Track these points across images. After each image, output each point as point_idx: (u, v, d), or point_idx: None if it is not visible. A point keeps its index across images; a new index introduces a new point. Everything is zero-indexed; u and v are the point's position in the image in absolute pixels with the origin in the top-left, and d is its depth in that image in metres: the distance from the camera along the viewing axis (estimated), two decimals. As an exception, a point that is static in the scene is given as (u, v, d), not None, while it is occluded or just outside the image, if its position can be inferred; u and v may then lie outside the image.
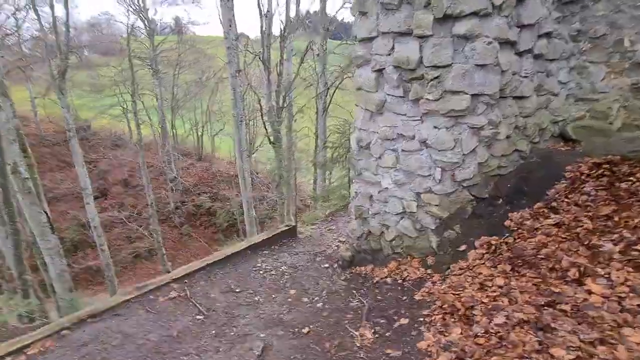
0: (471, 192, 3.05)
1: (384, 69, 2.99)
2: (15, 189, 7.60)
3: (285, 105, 11.98)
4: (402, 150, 3.09)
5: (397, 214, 3.35)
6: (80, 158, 11.18)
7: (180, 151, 22.65)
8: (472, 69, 2.57)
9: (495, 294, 2.34)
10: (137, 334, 2.95)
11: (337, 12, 13.37)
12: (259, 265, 4.23)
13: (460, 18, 2.47)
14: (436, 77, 2.65)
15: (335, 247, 4.80)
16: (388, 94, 3.04)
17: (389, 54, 2.90)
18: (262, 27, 11.10)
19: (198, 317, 3.15)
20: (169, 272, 14.60)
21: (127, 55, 14.82)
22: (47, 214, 8.24)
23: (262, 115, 12.17)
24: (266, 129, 12.52)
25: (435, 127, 2.82)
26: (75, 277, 15.60)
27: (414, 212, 3.18)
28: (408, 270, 3.18)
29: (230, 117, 11.87)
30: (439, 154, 2.86)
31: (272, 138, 12.17)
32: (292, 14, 11.37)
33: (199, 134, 23.33)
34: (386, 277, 3.31)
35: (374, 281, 3.36)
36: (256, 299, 3.47)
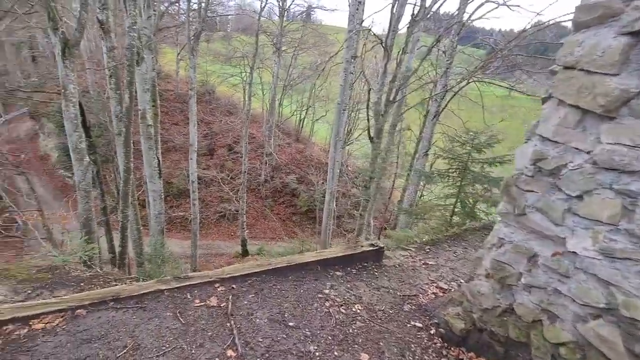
0: None
1: (653, 29, 1.46)
2: (140, 132, 8.36)
3: (396, 99, 10.55)
4: (645, 200, 1.53)
5: (586, 306, 1.81)
6: (194, 116, 12.04)
7: (281, 129, 23.47)
8: None
9: None
10: (151, 348, 2.22)
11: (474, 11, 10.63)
12: (327, 291, 3.16)
13: None
14: None
15: (433, 296, 3.41)
16: (646, 83, 1.50)
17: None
18: (392, 8, 9.79)
19: (229, 353, 2.27)
20: (244, 239, 15.13)
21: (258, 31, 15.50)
22: (159, 159, 8.89)
23: (367, 107, 11.02)
24: (368, 122, 11.35)
25: None
26: (173, 221, 17.69)
27: (637, 321, 1.61)
28: None
29: (334, 105, 11.16)
30: None
31: (372, 133, 10.95)
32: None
33: (302, 116, 23.71)
34: (530, 412, 1.84)
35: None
36: (311, 349, 2.41)
